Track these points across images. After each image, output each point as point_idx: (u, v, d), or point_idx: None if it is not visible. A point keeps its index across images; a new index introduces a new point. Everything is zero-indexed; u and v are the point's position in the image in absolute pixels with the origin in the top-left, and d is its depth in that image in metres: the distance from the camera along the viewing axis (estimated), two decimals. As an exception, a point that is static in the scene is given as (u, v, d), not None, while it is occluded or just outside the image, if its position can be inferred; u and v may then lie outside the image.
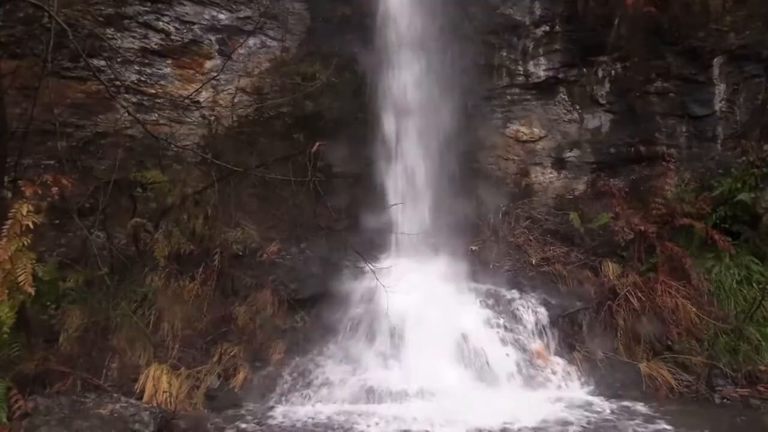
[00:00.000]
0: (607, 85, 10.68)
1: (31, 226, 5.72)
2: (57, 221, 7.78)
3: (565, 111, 11.01)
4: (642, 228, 9.18)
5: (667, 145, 10.40)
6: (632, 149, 10.66)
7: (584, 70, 10.74)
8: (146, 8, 8.80)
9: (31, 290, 5.67)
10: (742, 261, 8.68)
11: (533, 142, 11.18)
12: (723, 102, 10.26)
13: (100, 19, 8.35)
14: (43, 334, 7.03)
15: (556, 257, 9.71)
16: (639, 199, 10.04)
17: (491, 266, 9.62)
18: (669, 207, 9.41)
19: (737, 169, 9.49)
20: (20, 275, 5.64)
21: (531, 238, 10.23)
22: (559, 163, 11.13)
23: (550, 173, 11.18)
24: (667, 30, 10.11)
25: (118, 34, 8.60)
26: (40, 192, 5.93)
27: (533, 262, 9.68)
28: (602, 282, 9.01)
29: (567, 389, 7.65)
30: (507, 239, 10.17)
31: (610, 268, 9.12)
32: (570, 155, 11.05)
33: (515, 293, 8.93)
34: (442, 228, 9.89)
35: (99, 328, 7.25)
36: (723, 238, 8.76)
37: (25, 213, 5.70)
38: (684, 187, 9.74)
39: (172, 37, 9.08)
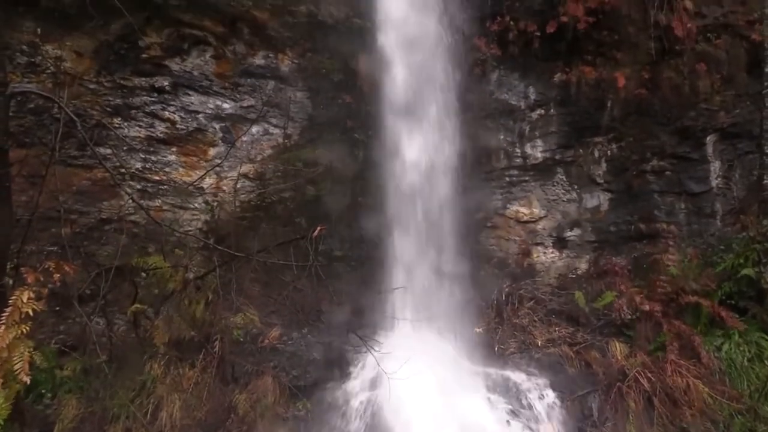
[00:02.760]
0: (604, 165, 10.88)
1: (31, 313, 5.66)
2: (57, 308, 7.73)
3: (563, 191, 11.15)
4: (648, 307, 9.10)
5: (667, 223, 10.48)
6: (632, 227, 10.73)
7: (580, 150, 10.97)
8: (153, 98, 9.09)
9: (28, 379, 5.54)
10: (752, 337, 8.54)
11: (533, 222, 11.27)
12: (719, 178, 10.42)
13: (108, 109, 8.62)
14: (37, 425, 6.84)
15: (562, 338, 9.57)
16: (642, 277, 10.01)
17: (496, 349, 9.47)
18: (673, 284, 9.35)
19: (738, 244, 9.50)
20: (17, 364, 5.53)
21: (536, 318, 10.11)
22: (561, 243, 11.17)
23: (552, 253, 11.19)
24: (658, 111, 10.41)
25: (125, 124, 8.85)
26: (41, 279, 5.92)
27: (539, 343, 9.53)
28: (610, 363, 8.83)
29: (579, 476, 7.37)
30: (511, 320, 10.05)
31: (618, 349, 8.96)
32: (571, 234, 11.11)
33: (522, 376, 8.73)
34: (445, 311, 9.80)
35: (96, 418, 7.07)
36: (730, 314, 8.67)
37: (25, 300, 5.65)
38: (687, 264, 9.71)
39: (178, 126, 9.34)
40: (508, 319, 10.06)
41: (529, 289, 10.75)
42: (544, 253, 11.23)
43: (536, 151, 11.08)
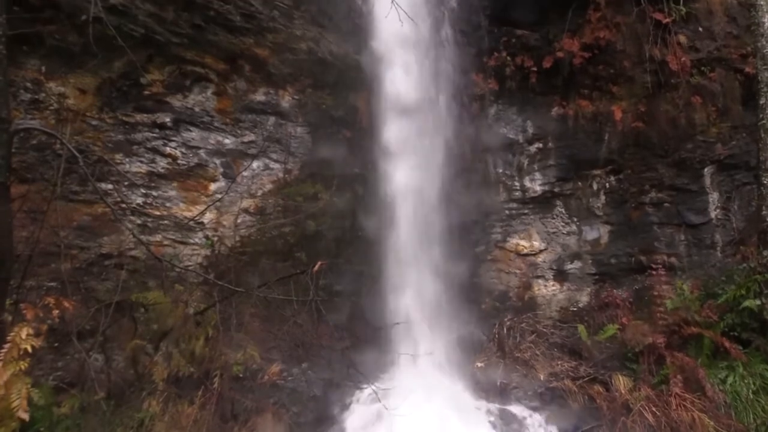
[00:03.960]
0: (603, 198, 10.94)
1: (30, 349, 5.63)
2: (56, 344, 7.66)
3: (563, 223, 11.19)
4: (650, 339, 9.04)
5: (667, 254, 10.49)
6: (633, 259, 10.73)
7: (579, 183, 11.05)
8: (154, 134, 9.16)
9: (25, 416, 5.48)
10: (756, 369, 8.44)
11: (534, 255, 11.28)
12: (718, 210, 10.47)
13: (110, 145, 8.67)
14: (34, 464, 6.71)
15: (565, 372, 9.48)
16: (644, 309, 9.96)
17: (498, 383, 9.37)
18: (675, 316, 9.29)
19: (739, 275, 9.45)
20: (14, 401, 5.48)
21: (538, 352, 10.03)
22: (561, 276, 11.16)
23: (553, 286, 11.17)
24: (656, 143, 10.51)
25: (127, 159, 8.89)
26: (41, 315, 5.90)
27: (541, 377, 9.44)
28: (614, 397, 8.72)
29: None
30: (513, 354, 9.97)
31: (621, 382, 8.86)
32: (571, 267, 11.10)
33: (524, 412, 8.64)
34: (446, 345, 9.75)
35: (92, 457, 6.94)
36: (734, 346, 8.58)
37: (24, 336, 5.63)
38: (688, 296, 9.66)
39: (179, 161, 9.39)
40: (510, 353, 9.99)
41: (531, 322, 10.71)
42: (545, 286, 11.21)
43: (535, 184, 11.15)
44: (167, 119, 9.20)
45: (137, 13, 8.40)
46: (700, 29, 10.56)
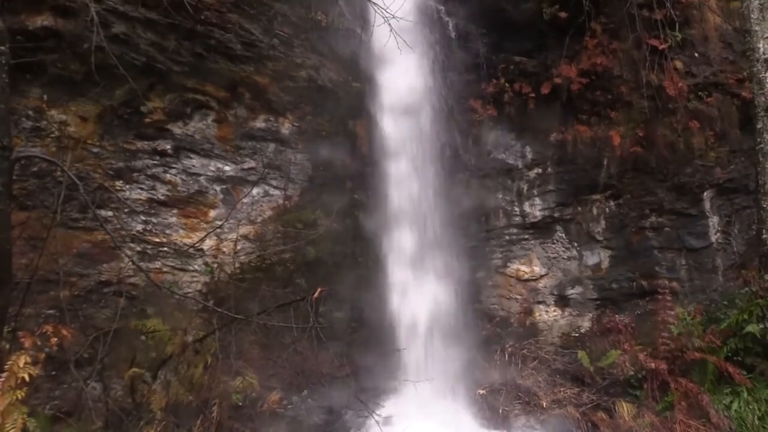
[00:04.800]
0: (603, 222, 10.94)
1: (27, 378, 5.58)
2: (53, 372, 7.59)
3: (563, 249, 11.17)
4: (653, 365, 8.94)
5: (669, 279, 10.45)
6: (634, 284, 10.70)
7: (579, 208, 11.06)
8: (155, 161, 9.19)
9: (22, 446, 5.42)
10: (761, 395, 8.33)
11: (535, 280, 11.24)
12: (718, 234, 10.47)
13: (110, 172, 8.69)
14: (27, 498, 6.58)
15: (568, 399, 9.38)
16: (646, 334, 9.89)
17: (500, 410, 9.25)
18: (678, 341, 9.21)
19: (741, 299, 9.38)
20: (10, 431, 5.42)
21: (540, 379, 9.93)
22: (563, 301, 11.11)
23: (554, 311, 11.12)
24: (655, 168, 10.55)
25: (127, 186, 8.91)
26: (39, 343, 5.86)
27: (544, 404, 9.32)
28: (618, 424, 8.59)
29: None
30: (515, 381, 9.87)
31: (625, 409, 8.74)
32: (572, 292, 11.06)
33: (528, 439, 8.53)
34: (448, 372, 9.65)
35: (87, 489, 6.83)
36: (738, 371, 8.49)
37: (21, 365, 5.59)
38: (690, 321, 9.60)
39: (179, 188, 9.40)
40: (512, 380, 9.88)
41: (533, 348, 10.62)
42: (546, 311, 11.15)
43: (535, 210, 11.16)
44: (168, 146, 9.24)
45: (139, 42, 8.50)
46: (696, 55, 10.68)
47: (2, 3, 5.41)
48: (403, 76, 10.51)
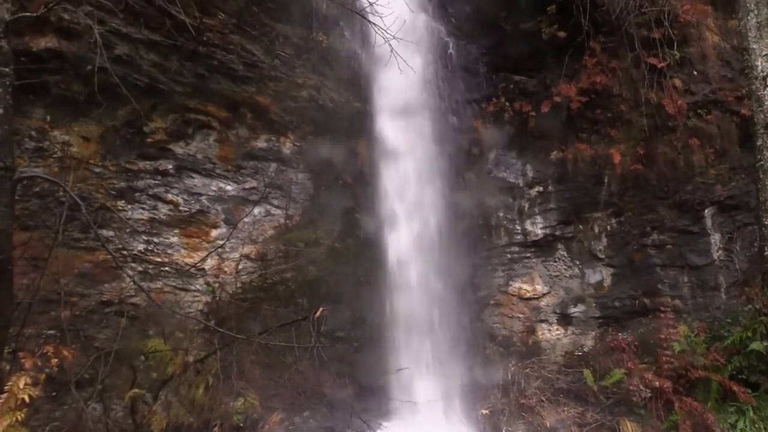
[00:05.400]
0: (605, 240, 10.93)
1: (27, 399, 5.54)
2: (54, 393, 7.54)
3: (565, 267, 11.15)
4: (657, 383, 8.89)
5: (671, 296, 10.41)
6: (637, 302, 10.66)
7: (580, 226, 11.06)
8: (157, 181, 9.21)
9: (20, 469, 5.37)
10: (767, 413, 8.28)
11: (537, 298, 11.20)
12: (720, 251, 10.45)
13: (112, 192, 8.70)
14: None
15: (572, 418, 9.31)
16: (649, 353, 9.83)
17: (504, 430, 9.17)
18: (682, 360, 9.17)
19: (745, 317, 9.35)
20: (9, 453, 5.38)
21: (543, 398, 9.85)
22: (565, 319, 11.06)
23: (557, 330, 11.06)
24: (656, 185, 10.56)
25: (129, 206, 8.92)
26: (39, 363, 5.83)
27: (547, 424, 9.26)
28: (623, 444, 8.55)
29: None
30: (518, 401, 9.80)
31: (629, 428, 8.70)
32: (575, 311, 11.01)
33: (532, 460, 8.44)
34: (450, 392, 9.59)
35: None
36: (743, 390, 8.44)
37: (22, 386, 5.55)
38: (694, 339, 9.56)
39: (181, 208, 9.41)
40: (515, 400, 9.81)
41: (536, 367, 10.55)
42: (549, 330, 11.09)
43: (536, 228, 11.17)
44: (169, 166, 9.27)
45: (141, 63, 8.56)
46: (695, 73, 10.75)
47: (7, 25, 5.45)
48: (403, 95, 10.57)
